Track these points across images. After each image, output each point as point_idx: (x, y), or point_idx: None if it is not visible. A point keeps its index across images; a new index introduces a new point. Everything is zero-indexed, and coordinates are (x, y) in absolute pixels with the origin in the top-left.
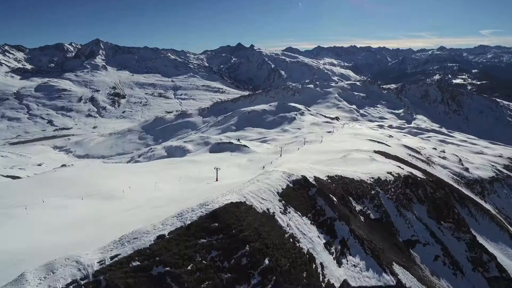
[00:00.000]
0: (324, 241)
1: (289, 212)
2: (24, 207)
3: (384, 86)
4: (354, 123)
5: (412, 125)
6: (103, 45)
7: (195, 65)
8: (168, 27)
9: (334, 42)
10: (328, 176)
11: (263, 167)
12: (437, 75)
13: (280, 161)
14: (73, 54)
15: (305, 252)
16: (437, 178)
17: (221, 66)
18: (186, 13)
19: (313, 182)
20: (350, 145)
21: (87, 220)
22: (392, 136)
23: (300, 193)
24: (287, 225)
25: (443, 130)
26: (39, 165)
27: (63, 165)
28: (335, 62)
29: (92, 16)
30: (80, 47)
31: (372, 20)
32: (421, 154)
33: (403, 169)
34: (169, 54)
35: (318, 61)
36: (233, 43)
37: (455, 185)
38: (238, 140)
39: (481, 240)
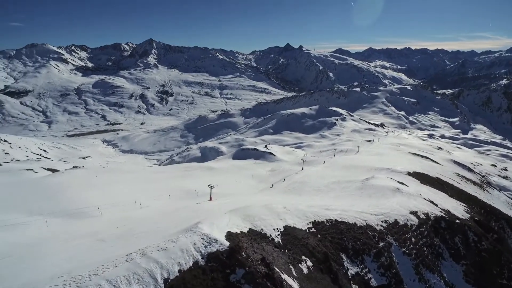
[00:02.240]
0: None
1: None
2: None
3: (438, 91)
4: (401, 131)
5: (468, 135)
6: (156, 45)
7: (242, 65)
8: (220, 27)
9: (387, 44)
10: (313, 223)
11: (272, 185)
12: (505, 79)
13: (296, 177)
14: (129, 53)
15: None
16: (491, 210)
17: (269, 66)
18: (238, 13)
19: (242, 255)
20: (385, 160)
21: (8, 255)
22: (441, 149)
23: (213, 279)
24: None
25: (507, 143)
26: (84, 158)
27: (75, 167)
28: (387, 64)
29: (148, 17)
30: (135, 46)
31: (429, 21)
32: (474, 173)
33: (436, 205)
34: (218, 54)
35: (369, 63)
36: (282, 44)
37: None
38: (266, 146)
39: None
